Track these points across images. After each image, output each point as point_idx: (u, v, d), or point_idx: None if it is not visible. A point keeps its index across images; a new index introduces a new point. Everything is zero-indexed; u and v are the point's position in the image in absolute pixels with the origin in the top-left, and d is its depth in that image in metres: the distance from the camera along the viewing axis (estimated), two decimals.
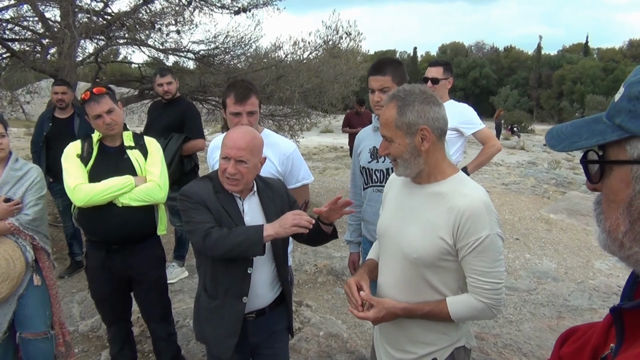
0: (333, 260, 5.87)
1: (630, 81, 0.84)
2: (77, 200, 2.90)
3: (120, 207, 2.94)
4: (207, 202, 2.24)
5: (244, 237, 2.10)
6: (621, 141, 0.82)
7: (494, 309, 1.84)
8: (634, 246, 0.82)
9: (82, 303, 4.74)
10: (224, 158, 2.22)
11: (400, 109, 1.81)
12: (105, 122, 2.94)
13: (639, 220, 0.81)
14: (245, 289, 2.27)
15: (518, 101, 64.22)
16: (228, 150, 2.20)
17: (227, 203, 2.28)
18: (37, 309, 3.05)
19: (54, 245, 6.09)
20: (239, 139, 2.21)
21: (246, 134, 2.25)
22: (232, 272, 2.26)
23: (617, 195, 0.83)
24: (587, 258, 6.49)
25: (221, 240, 2.11)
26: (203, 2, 7.58)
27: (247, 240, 2.10)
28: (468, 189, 1.85)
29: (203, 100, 8.58)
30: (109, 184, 2.91)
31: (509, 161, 16.62)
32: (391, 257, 1.98)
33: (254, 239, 2.09)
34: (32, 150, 5.44)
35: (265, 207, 2.36)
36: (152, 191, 3.02)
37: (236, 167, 2.19)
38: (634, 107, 0.80)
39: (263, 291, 2.38)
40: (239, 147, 2.19)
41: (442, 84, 3.87)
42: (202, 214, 2.21)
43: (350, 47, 8.61)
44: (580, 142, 0.88)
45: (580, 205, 8.79)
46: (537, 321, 4.56)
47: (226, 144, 2.22)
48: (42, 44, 7.24)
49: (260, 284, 2.35)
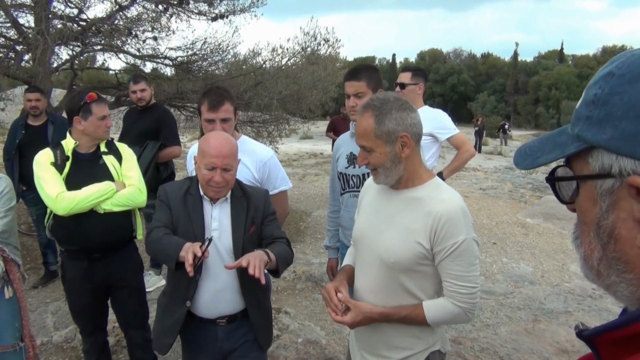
0: (312, 267, 5.86)
1: (589, 84, 0.74)
2: (60, 209, 2.82)
3: (101, 213, 2.91)
4: (171, 202, 2.30)
5: (164, 247, 2.15)
6: (581, 153, 0.72)
7: (469, 313, 1.86)
8: (610, 274, 0.70)
9: (56, 313, 4.65)
10: (210, 169, 2.20)
11: (377, 118, 1.81)
12: (107, 125, 2.99)
13: (609, 243, 0.69)
14: (190, 294, 2.29)
15: (495, 107, 65.12)
16: (214, 160, 2.18)
17: (194, 206, 2.30)
18: (6, 321, 2.97)
19: (28, 254, 5.98)
20: (222, 147, 2.21)
21: (226, 141, 2.26)
22: (180, 274, 2.20)
23: (587, 216, 0.73)
24: (563, 261, 6.58)
25: (152, 242, 2.21)
26: (180, 9, 7.53)
27: (165, 251, 2.15)
28: (445, 194, 1.87)
29: (181, 107, 8.51)
30: (91, 191, 2.86)
31: (487, 166, 16.82)
32: (367, 262, 1.98)
33: (170, 254, 2.11)
34: (5, 158, 5.34)
35: (234, 215, 2.34)
36: (133, 195, 2.99)
37: (222, 175, 2.19)
38: (590, 112, 0.70)
39: (230, 297, 2.35)
40: (224, 156, 2.19)
41: (410, 89, 3.90)
42: (159, 213, 2.31)
43: (328, 54, 8.63)
44: (542, 157, 0.78)
45: (555, 209, 8.92)
46: (514, 324, 4.61)
47: (210, 154, 2.20)
48: (15, 50, 7.11)
49: (225, 289, 2.33)
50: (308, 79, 8.14)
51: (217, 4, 7.69)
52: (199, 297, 2.32)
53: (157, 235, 2.21)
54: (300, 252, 6.65)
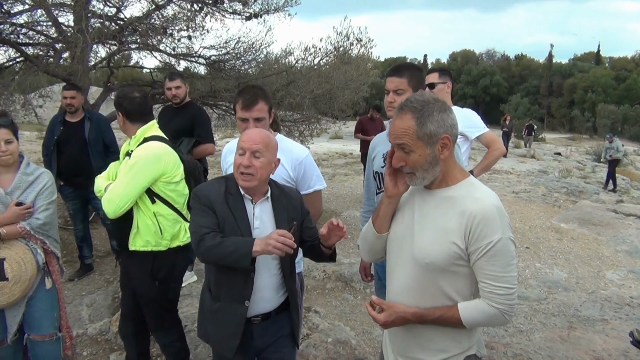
0: (342, 267, 5.84)
1: None
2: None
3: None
4: (214, 205, 2.25)
5: (233, 249, 2.12)
6: None
7: (506, 315, 1.81)
8: None
9: (91, 306, 4.75)
10: (240, 153, 2.25)
11: (419, 120, 1.79)
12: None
13: None
14: (247, 294, 2.28)
15: (529, 109, 63.83)
16: (243, 144, 2.25)
17: (236, 206, 2.28)
18: (46, 311, 3.06)
19: (65, 248, 6.12)
20: (254, 134, 2.29)
21: (261, 131, 2.35)
22: (235, 276, 2.25)
23: None
24: (599, 268, 6.42)
25: (212, 248, 2.15)
26: (215, 8, 7.60)
27: (236, 252, 2.12)
28: (480, 193, 1.84)
29: (213, 105, 8.60)
30: (97, 183, 3.13)
31: (520, 169, 16.53)
32: (401, 262, 1.96)
33: (243, 252, 2.10)
34: (44, 153, 5.47)
35: (276, 214, 2.35)
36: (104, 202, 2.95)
37: (251, 159, 2.21)
38: None
39: (269, 295, 2.37)
40: (254, 141, 2.24)
41: (439, 88, 3.89)
42: (204, 217, 2.24)
43: (360, 54, 8.61)
44: None
45: (591, 214, 8.72)
46: (548, 331, 4.51)
47: (242, 139, 2.28)
48: (55, 48, 7.30)
49: (265, 288, 2.34)
50: (340, 79, 8.15)
51: (251, 3, 7.74)
52: None
53: (214, 241, 2.16)
54: None
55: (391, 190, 1.96)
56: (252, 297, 2.29)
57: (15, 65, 7.90)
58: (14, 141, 2.93)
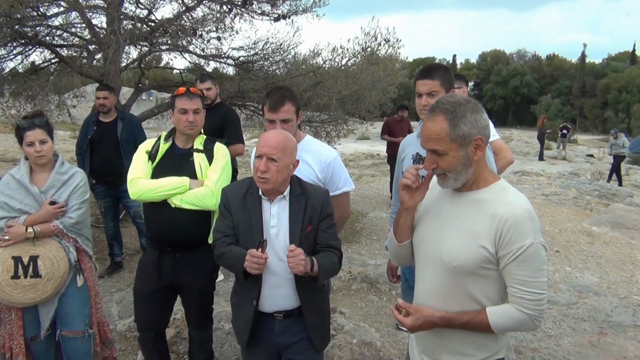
0: (367, 268, 5.83)
1: None
2: (131, 194, 2.99)
3: (173, 208, 2.94)
4: (232, 206, 2.41)
5: (230, 263, 2.38)
6: None
7: (535, 321, 1.79)
8: None
9: (120, 303, 4.84)
10: (258, 157, 2.31)
11: (452, 122, 1.77)
12: (188, 120, 3.01)
13: None
14: (255, 294, 2.38)
15: (560, 110, 62.64)
16: (260, 149, 2.32)
17: (253, 207, 2.39)
18: (77, 308, 3.13)
19: (95, 245, 6.24)
20: (271, 138, 2.33)
21: (279, 134, 2.38)
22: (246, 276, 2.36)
23: None
24: (632, 273, 6.26)
25: (219, 257, 2.43)
26: (243, 9, 7.67)
27: (233, 266, 2.37)
28: (510, 197, 1.82)
29: (242, 105, 8.67)
30: (163, 183, 2.94)
31: (550, 171, 16.23)
32: (429, 265, 1.95)
33: (237, 268, 2.33)
34: (77, 152, 5.60)
35: (292, 214, 2.39)
36: (203, 196, 2.95)
37: (267, 164, 2.27)
38: None
39: (288, 292, 2.40)
40: (270, 146, 2.29)
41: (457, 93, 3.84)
42: (222, 221, 2.45)
43: (388, 54, 8.56)
44: None
45: (624, 218, 8.50)
46: (578, 336, 4.42)
47: (259, 144, 2.34)
48: (88, 49, 7.47)
49: (281, 285, 2.38)
50: (367, 79, 8.12)
51: (280, 5, 7.78)
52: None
53: (220, 250, 2.39)
54: (356, 253, 6.63)
55: (407, 203, 1.96)
56: (268, 293, 2.39)
57: (50, 66, 8.11)
58: (48, 141, 3.00)
